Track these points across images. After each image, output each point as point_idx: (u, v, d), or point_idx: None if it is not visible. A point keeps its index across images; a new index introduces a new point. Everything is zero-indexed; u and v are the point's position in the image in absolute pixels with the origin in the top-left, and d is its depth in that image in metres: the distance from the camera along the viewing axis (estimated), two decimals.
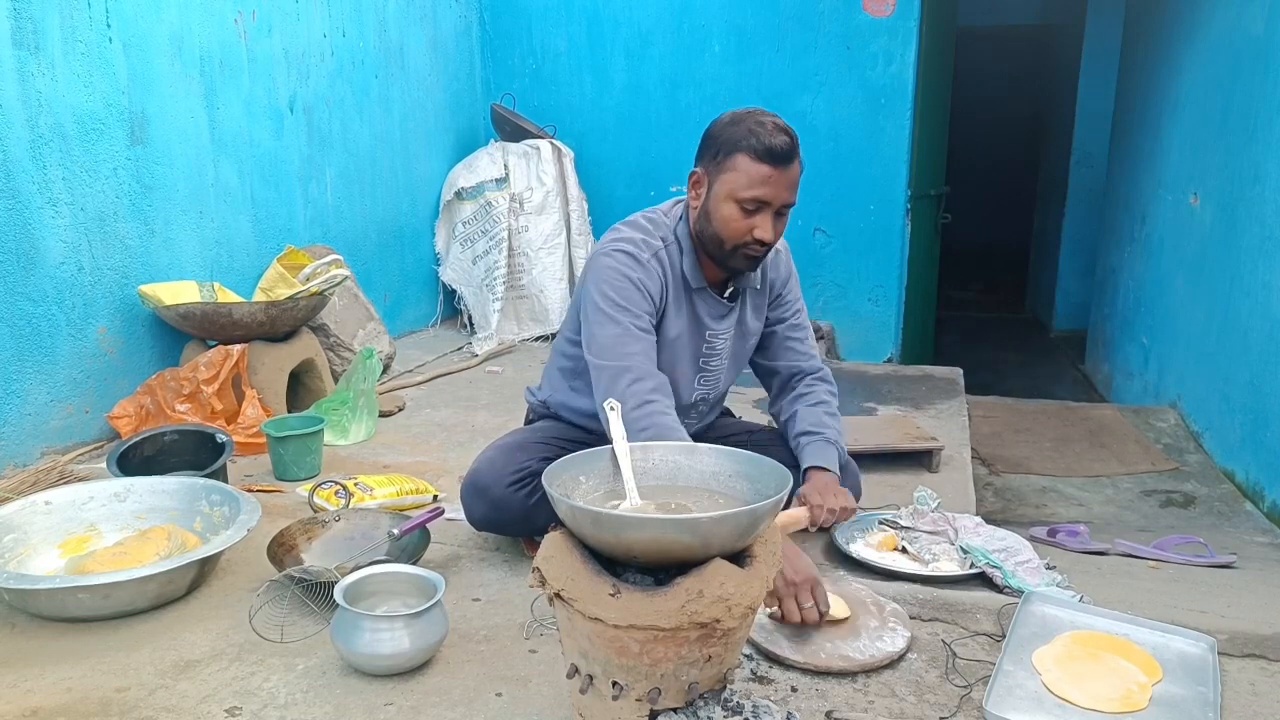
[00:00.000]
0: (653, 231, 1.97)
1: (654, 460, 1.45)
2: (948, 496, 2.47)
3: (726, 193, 1.84)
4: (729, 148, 1.83)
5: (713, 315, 2.02)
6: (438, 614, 1.60)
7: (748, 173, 1.81)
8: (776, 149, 1.79)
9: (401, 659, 1.55)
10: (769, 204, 1.83)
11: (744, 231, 1.85)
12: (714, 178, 1.86)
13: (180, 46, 3.00)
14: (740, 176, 1.81)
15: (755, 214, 1.84)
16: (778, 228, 1.87)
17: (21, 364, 2.54)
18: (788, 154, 1.80)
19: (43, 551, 1.96)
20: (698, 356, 2.04)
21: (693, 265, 1.96)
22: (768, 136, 1.79)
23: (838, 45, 4.58)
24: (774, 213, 1.84)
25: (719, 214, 1.86)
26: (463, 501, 2.01)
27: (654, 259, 1.93)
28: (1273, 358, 3.02)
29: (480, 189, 4.46)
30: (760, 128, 1.80)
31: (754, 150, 1.80)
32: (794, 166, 1.83)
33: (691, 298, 1.99)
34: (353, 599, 1.61)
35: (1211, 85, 3.82)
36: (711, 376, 2.09)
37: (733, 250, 1.88)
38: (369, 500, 2.26)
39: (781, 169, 1.80)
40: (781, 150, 1.79)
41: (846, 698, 1.51)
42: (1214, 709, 1.47)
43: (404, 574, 1.72)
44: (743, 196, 1.82)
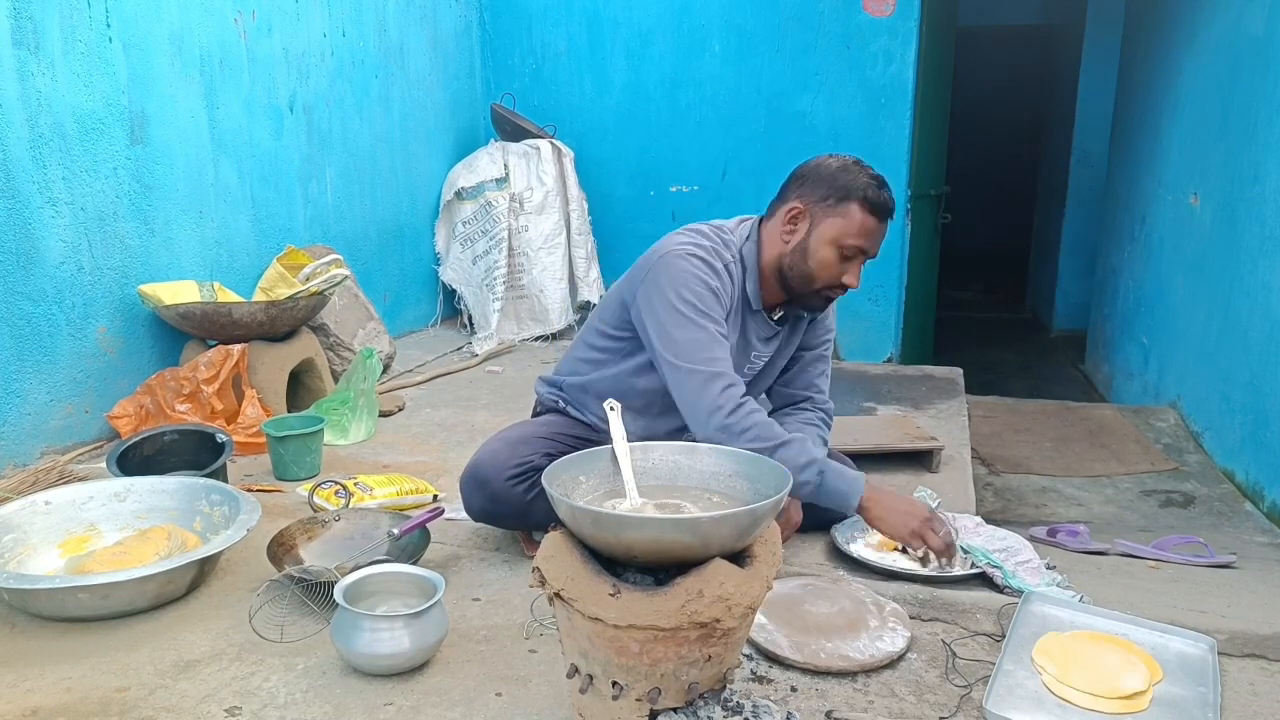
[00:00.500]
0: (722, 245, 2.00)
1: (654, 460, 1.45)
2: (948, 496, 2.47)
3: (832, 236, 1.91)
4: (843, 193, 1.91)
5: (761, 337, 2.07)
6: (438, 614, 1.60)
7: (860, 222, 1.90)
8: (887, 204, 1.91)
9: (401, 659, 1.55)
10: (867, 254, 1.94)
11: (836, 276, 1.94)
12: (820, 219, 1.93)
13: (180, 46, 3.00)
14: (851, 224, 1.90)
15: (850, 261, 1.93)
16: (860, 275, 1.97)
17: (21, 364, 2.54)
18: (891, 212, 1.93)
19: (42, 551, 1.96)
20: (741, 373, 2.06)
21: (755, 287, 2.01)
22: (880, 191, 1.91)
23: (838, 45, 4.58)
24: (862, 262, 1.95)
25: (818, 255, 1.93)
26: (461, 492, 2.03)
27: (725, 270, 1.97)
28: (1273, 358, 3.02)
29: (480, 189, 4.46)
30: (874, 182, 1.92)
31: (870, 202, 1.90)
32: (890, 224, 1.96)
33: (746, 317, 2.03)
34: (353, 599, 1.61)
35: (1211, 85, 3.82)
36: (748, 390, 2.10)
37: (817, 291, 1.97)
38: (369, 500, 2.26)
39: (884, 224, 1.93)
40: (890, 207, 1.92)
41: (846, 698, 1.51)
42: (1214, 709, 1.47)
43: (404, 574, 1.72)
44: (847, 244, 1.91)
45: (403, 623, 1.55)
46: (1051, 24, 7.42)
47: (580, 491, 1.38)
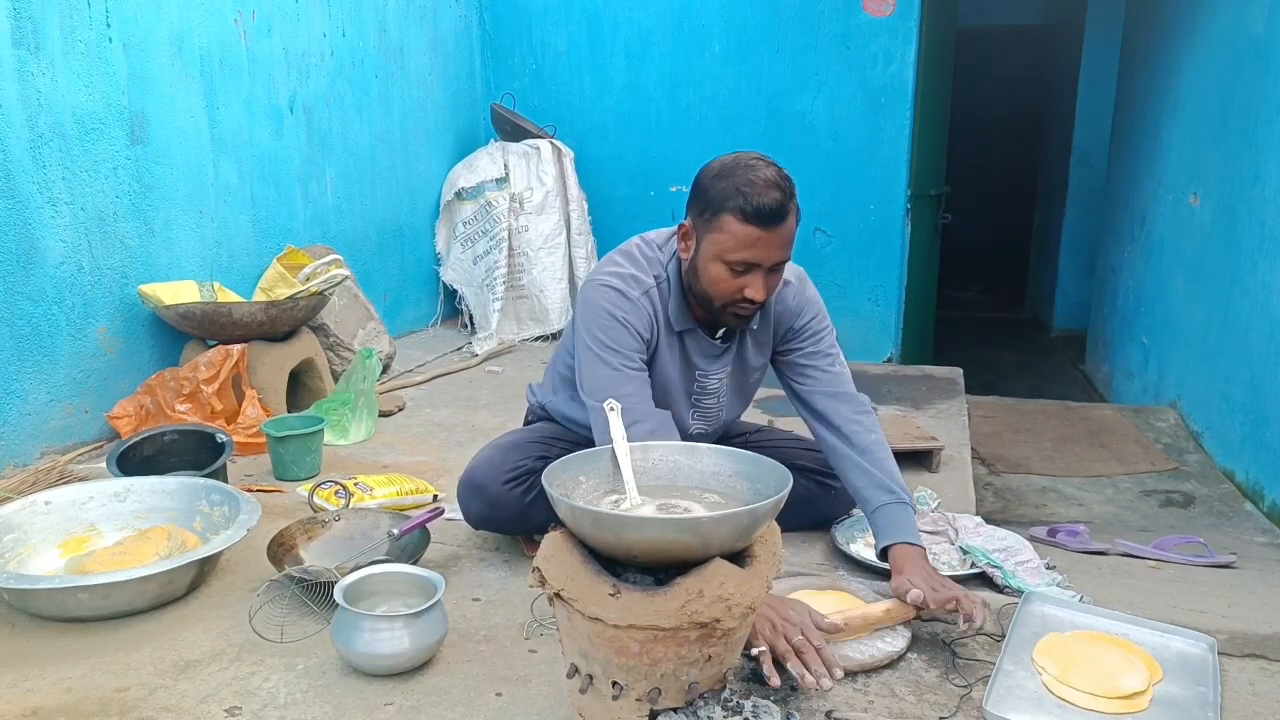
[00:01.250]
0: (646, 267, 1.90)
1: (654, 460, 1.45)
2: (948, 496, 2.47)
3: (714, 253, 1.75)
4: (716, 206, 1.73)
5: (704, 355, 1.97)
6: (438, 614, 1.60)
7: (735, 235, 1.71)
8: (765, 209, 1.68)
9: (401, 659, 1.55)
10: (759, 265, 1.74)
11: (733, 291, 1.77)
12: (702, 235, 1.77)
13: (180, 46, 3.00)
14: (728, 239, 1.72)
15: (745, 274, 1.75)
16: (770, 283, 1.78)
17: (21, 364, 2.54)
18: (778, 213, 1.69)
19: (43, 551, 1.96)
20: (689, 394, 2.01)
21: (678, 307, 1.90)
22: (756, 196, 1.68)
23: (838, 45, 4.58)
24: (766, 271, 1.76)
25: (707, 274, 1.78)
26: (459, 499, 2.02)
27: (644, 297, 1.87)
28: (1273, 358, 3.02)
29: (480, 189, 4.46)
30: (750, 186, 1.69)
31: (742, 212, 1.69)
32: (786, 224, 1.72)
33: (681, 338, 1.94)
34: (353, 599, 1.61)
35: (1211, 85, 3.82)
36: (709, 414, 2.06)
37: (722, 308, 1.81)
38: (369, 500, 2.26)
39: (771, 229, 1.70)
40: (771, 210, 1.68)
41: (846, 697, 1.51)
42: (1214, 709, 1.47)
43: (404, 574, 1.72)
44: (730, 259, 1.73)
45: (403, 623, 1.55)
46: (1051, 24, 7.42)
47: (580, 491, 1.38)
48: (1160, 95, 4.54)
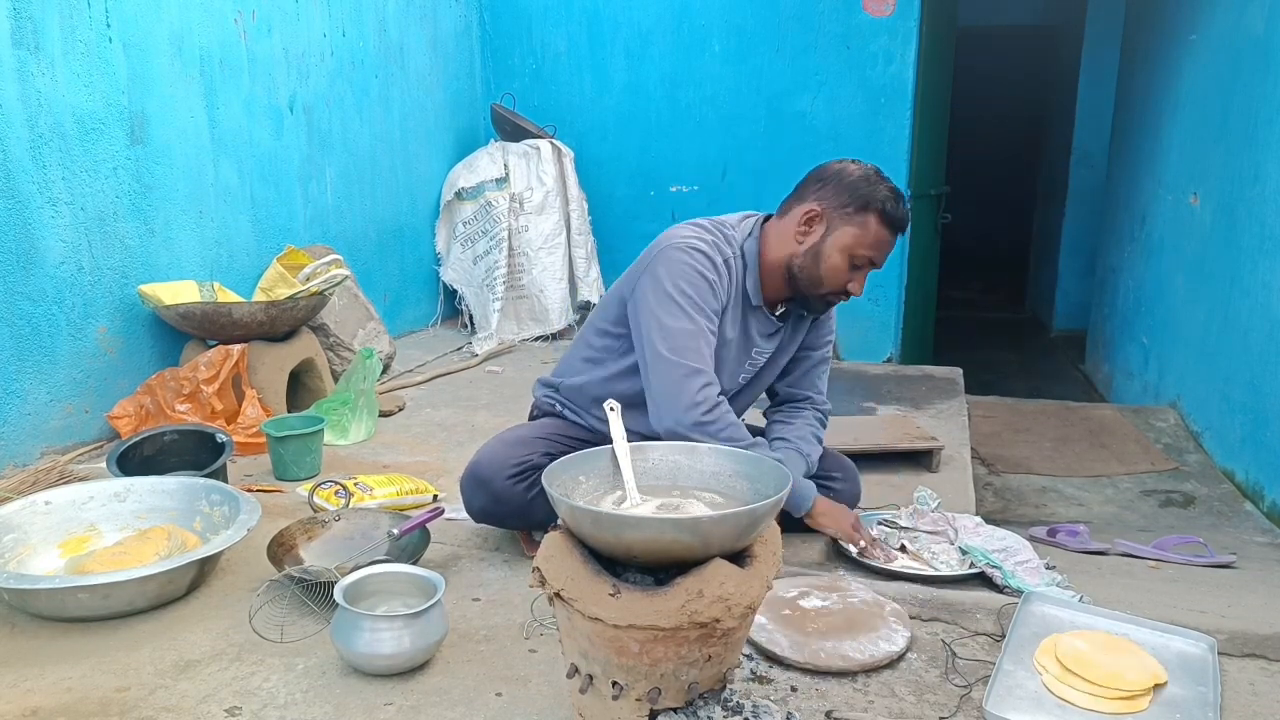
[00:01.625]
0: (723, 240, 2.00)
1: (654, 460, 1.45)
2: (948, 496, 2.47)
3: (846, 244, 1.91)
4: (863, 203, 1.90)
5: (762, 333, 2.07)
6: (438, 614, 1.60)
7: (875, 234, 1.91)
8: (903, 220, 1.92)
9: (401, 659, 1.55)
10: (875, 266, 1.95)
11: (843, 283, 1.94)
12: (837, 225, 1.92)
13: (180, 46, 3.00)
14: (866, 235, 1.91)
15: (859, 270, 1.94)
16: None
17: (21, 364, 2.54)
18: (905, 223, 1.94)
19: (43, 551, 1.96)
20: (740, 370, 2.08)
21: (755, 283, 2.00)
22: (899, 206, 1.91)
23: (837, 45, 4.58)
24: (867, 272, 1.96)
25: (829, 260, 1.93)
26: (462, 492, 2.02)
27: (724, 265, 1.97)
28: (1272, 358, 3.02)
29: (480, 189, 4.46)
30: (893, 195, 1.91)
31: (887, 216, 1.90)
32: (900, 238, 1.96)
33: (746, 313, 2.03)
34: (353, 599, 1.61)
35: (1211, 85, 3.82)
36: (746, 386, 2.13)
37: (823, 295, 1.97)
38: (369, 500, 2.26)
39: (896, 237, 1.94)
40: (905, 222, 1.94)
41: (846, 698, 1.51)
42: (1214, 709, 1.47)
43: (404, 574, 1.72)
44: (859, 253, 1.92)
45: (403, 623, 1.55)
46: (1051, 24, 7.42)
47: (580, 491, 1.38)
48: (1160, 95, 4.54)
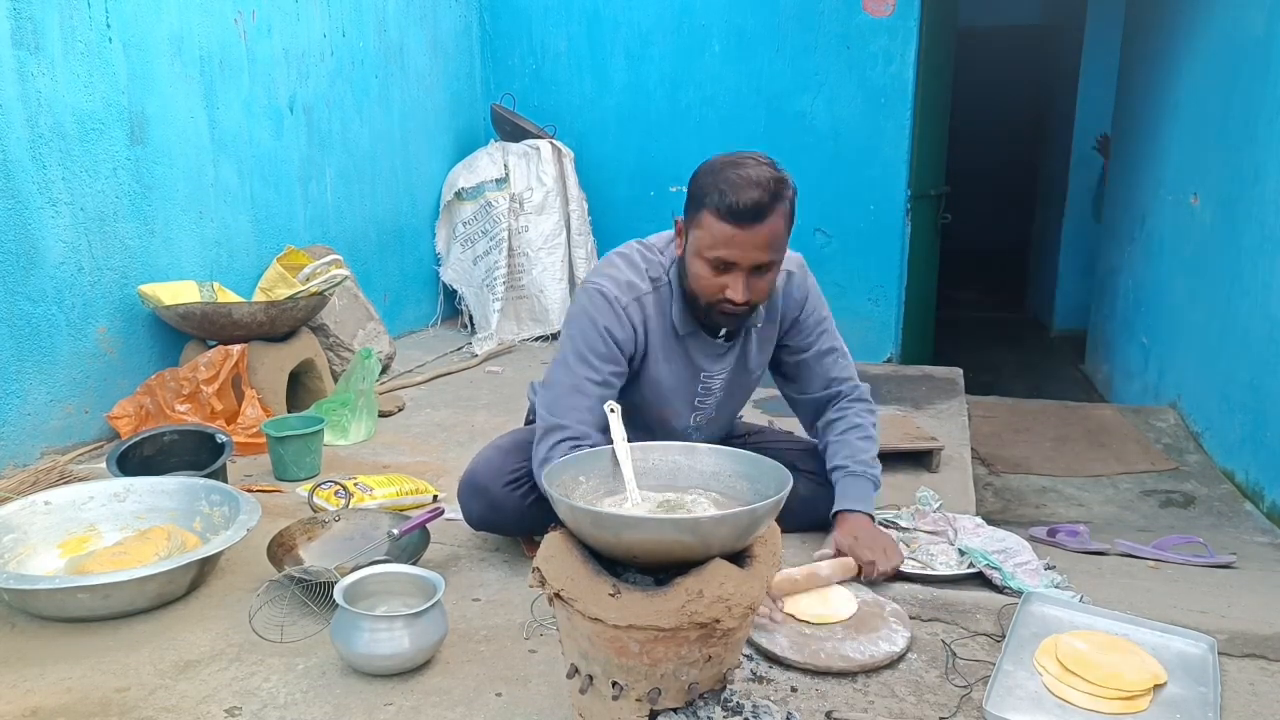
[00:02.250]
0: (644, 271, 1.89)
1: (654, 460, 1.45)
2: (948, 496, 2.47)
3: (696, 249, 1.76)
4: (697, 202, 1.74)
5: (708, 356, 1.97)
6: (437, 614, 1.60)
7: (712, 232, 1.71)
8: (741, 208, 1.66)
9: (401, 659, 1.55)
10: (736, 265, 1.72)
11: (716, 290, 1.76)
12: (689, 231, 1.78)
13: (180, 46, 3.00)
14: (706, 235, 1.72)
15: (725, 273, 1.74)
16: (756, 286, 1.76)
17: (21, 364, 2.54)
18: (755, 213, 1.67)
19: (42, 551, 1.96)
20: (692, 397, 2.02)
21: (681, 310, 1.89)
22: (734, 193, 1.66)
23: (838, 45, 4.57)
24: (748, 272, 1.74)
25: (692, 269, 1.79)
26: (460, 500, 2.02)
27: (635, 304, 1.86)
28: (1273, 358, 3.02)
29: (480, 189, 4.46)
30: (730, 183, 1.67)
31: (718, 209, 1.68)
32: (766, 225, 1.69)
33: (684, 342, 1.93)
34: (352, 599, 1.61)
35: (1211, 85, 3.82)
36: (706, 411, 2.08)
37: (708, 307, 1.81)
38: (369, 500, 2.26)
39: (747, 229, 1.68)
40: (748, 209, 1.66)
41: (846, 698, 1.51)
42: (1214, 709, 1.47)
43: (403, 574, 1.72)
44: (708, 256, 1.73)
45: (403, 623, 1.55)
46: (1051, 24, 7.41)
47: (580, 492, 1.38)
48: (1160, 95, 4.54)
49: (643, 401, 1.98)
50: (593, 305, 1.85)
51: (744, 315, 1.84)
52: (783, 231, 1.74)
